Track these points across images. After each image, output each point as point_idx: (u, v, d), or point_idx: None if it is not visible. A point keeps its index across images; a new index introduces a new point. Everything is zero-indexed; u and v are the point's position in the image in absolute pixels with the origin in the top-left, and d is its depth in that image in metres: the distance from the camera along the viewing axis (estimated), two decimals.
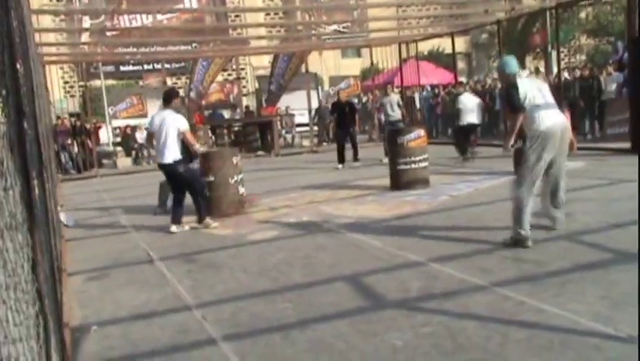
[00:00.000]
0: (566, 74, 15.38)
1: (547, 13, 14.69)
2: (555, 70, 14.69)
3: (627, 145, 11.25)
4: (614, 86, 14.08)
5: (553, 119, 5.58)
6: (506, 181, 9.34)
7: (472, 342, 3.57)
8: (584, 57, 28.29)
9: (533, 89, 5.70)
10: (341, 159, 13.47)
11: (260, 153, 19.62)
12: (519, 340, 3.54)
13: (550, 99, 5.76)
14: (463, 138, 12.77)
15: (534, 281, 4.53)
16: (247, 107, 25.54)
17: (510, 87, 5.71)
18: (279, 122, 21.12)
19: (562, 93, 13.12)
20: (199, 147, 8.22)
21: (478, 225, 6.64)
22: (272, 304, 4.64)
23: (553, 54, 15.12)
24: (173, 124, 7.58)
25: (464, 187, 9.14)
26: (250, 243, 6.87)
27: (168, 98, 7.85)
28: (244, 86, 28.23)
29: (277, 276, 5.40)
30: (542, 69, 23.92)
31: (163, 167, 7.76)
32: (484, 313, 3.99)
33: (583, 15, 28.10)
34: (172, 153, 7.59)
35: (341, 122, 13.91)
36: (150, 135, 8.00)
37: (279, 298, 4.75)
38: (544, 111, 5.59)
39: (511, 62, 5.94)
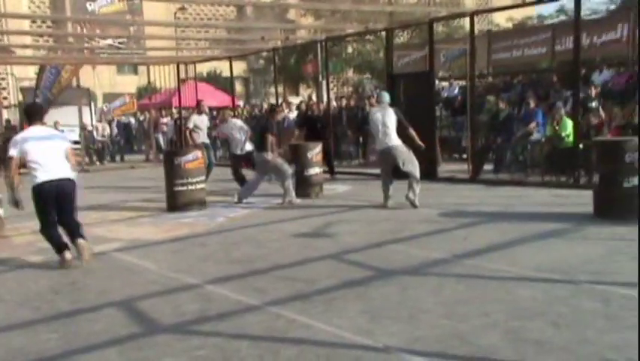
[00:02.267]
0: (334, 103, 16.52)
1: (318, 45, 15.69)
2: (325, 98, 15.73)
3: None
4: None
5: (381, 143, 8.53)
6: (281, 204, 9.76)
7: None
8: (351, 89, 30.65)
9: (378, 118, 8.47)
10: None
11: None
12: (289, 357, 3.69)
13: (390, 127, 8.37)
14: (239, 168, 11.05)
15: (304, 299, 4.78)
16: (8, 121, 23.30)
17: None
18: None
19: (330, 121, 14.08)
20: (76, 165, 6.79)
21: (253, 245, 6.82)
22: (33, 335, 4.28)
23: (324, 84, 16.19)
24: (62, 139, 6.62)
25: (241, 209, 9.31)
26: (8, 269, 6.26)
27: (37, 113, 6.69)
28: (5, 98, 25.73)
29: (40, 305, 5.00)
30: (315, 97, 25.40)
31: (62, 181, 6.27)
32: (257, 332, 4.11)
33: (350, 50, 30.44)
34: (69, 170, 6.40)
35: None
36: (12, 159, 6.60)
37: (42, 329, 4.40)
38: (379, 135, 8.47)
39: (386, 95, 8.86)
